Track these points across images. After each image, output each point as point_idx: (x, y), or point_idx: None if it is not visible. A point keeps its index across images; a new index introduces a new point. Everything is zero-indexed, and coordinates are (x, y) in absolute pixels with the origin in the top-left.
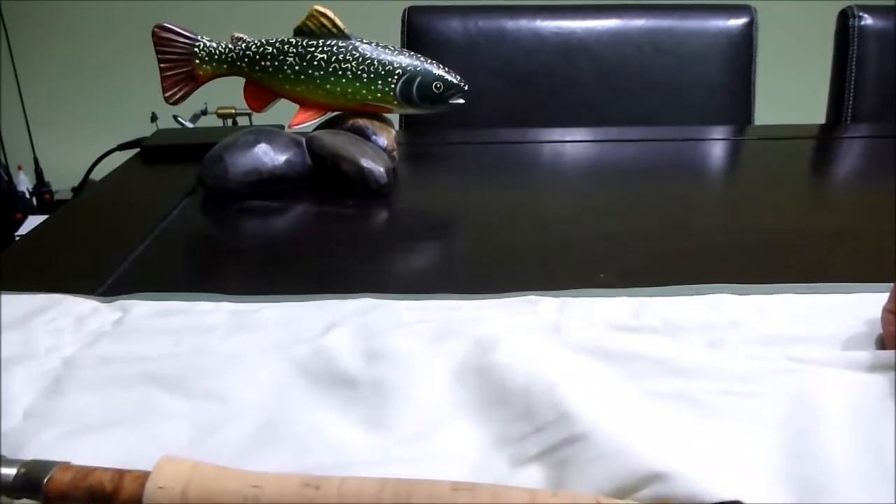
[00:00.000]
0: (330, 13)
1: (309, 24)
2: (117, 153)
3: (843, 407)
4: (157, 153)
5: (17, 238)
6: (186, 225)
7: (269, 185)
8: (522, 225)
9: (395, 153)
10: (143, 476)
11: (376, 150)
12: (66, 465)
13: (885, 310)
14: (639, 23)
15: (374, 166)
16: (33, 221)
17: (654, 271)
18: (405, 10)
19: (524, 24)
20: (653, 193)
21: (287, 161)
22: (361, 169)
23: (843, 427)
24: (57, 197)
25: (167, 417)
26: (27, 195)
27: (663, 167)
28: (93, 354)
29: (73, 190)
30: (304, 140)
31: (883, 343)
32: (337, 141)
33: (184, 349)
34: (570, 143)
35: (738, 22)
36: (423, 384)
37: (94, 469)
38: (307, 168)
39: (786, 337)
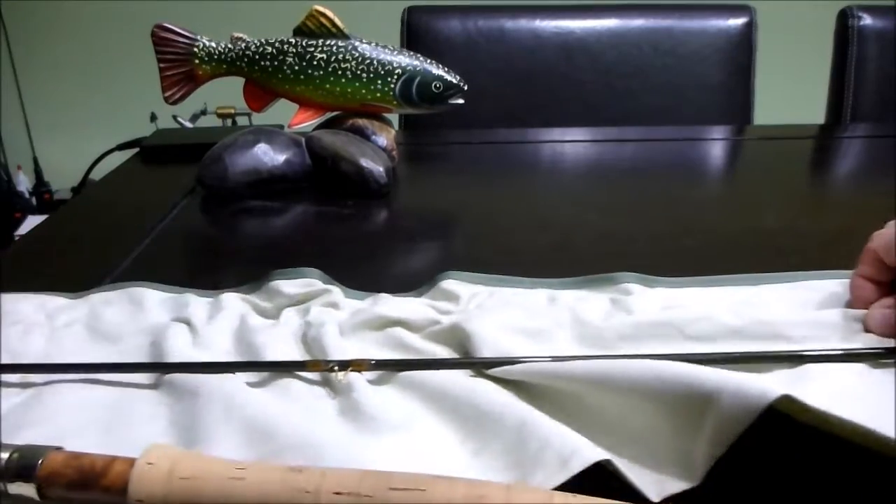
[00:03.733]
0: (329, 13)
1: (308, 24)
2: (117, 153)
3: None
4: (156, 153)
5: (16, 238)
6: (186, 225)
7: (269, 184)
8: (522, 224)
9: (394, 153)
10: (133, 459)
11: (376, 150)
12: (58, 450)
13: (856, 275)
14: (638, 23)
15: (374, 166)
16: (33, 221)
17: (654, 271)
18: (405, 10)
19: (524, 23)
20: (652, 193)
21: (286, 161)
22: (361, 169)
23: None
24: (56, 197)
25: (149, 420)
26: (27, 195)
27: (663, 167)
28: (67, 349)
29: (73, 190)
30: (303, 140)
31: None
32: (336, 141)
33: (177, 340)
34: (570, 142)
35: (737, 22)
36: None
37: (86, 453)
38: (307, 168)
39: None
